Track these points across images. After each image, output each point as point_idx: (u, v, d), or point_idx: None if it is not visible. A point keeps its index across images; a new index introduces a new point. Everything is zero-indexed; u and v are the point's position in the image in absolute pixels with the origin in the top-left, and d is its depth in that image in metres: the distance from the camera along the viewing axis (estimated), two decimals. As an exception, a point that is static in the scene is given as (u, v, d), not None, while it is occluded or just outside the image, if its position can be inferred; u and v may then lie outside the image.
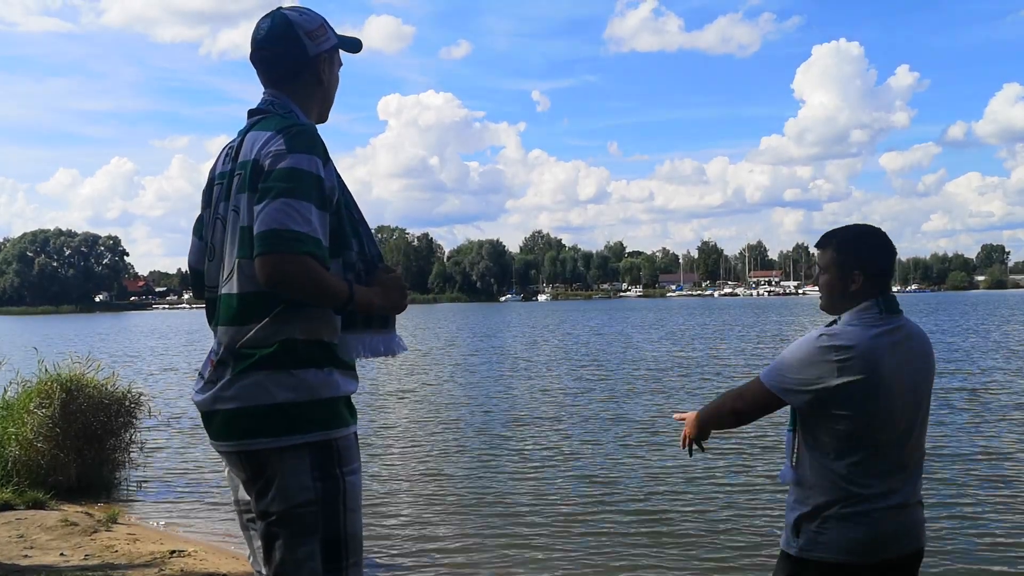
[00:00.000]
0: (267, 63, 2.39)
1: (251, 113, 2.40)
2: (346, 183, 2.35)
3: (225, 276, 2.27)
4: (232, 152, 2.34)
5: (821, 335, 2.39)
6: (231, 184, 2.29)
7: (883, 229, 2.52)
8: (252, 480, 2.24)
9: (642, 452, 9.97)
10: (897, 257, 2.58)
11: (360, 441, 2.38)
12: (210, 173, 2.44)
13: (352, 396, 2.35)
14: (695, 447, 2.73)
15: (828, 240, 2.54)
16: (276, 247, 2.06)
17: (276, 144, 2.19)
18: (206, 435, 2.35)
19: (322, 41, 2.39)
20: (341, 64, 2.52)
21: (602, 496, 7.97)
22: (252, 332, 2.17)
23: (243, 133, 2.34)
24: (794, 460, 2.50)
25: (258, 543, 2.30)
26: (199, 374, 2.34)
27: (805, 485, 2.45)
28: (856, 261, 2.46)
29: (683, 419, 2.76)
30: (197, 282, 2.50)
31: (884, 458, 2.39)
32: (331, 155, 2.28)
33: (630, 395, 15.11)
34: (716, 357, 22.73)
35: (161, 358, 28.35)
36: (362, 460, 2.36)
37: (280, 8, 2.41)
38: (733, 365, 20.28)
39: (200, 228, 2.46)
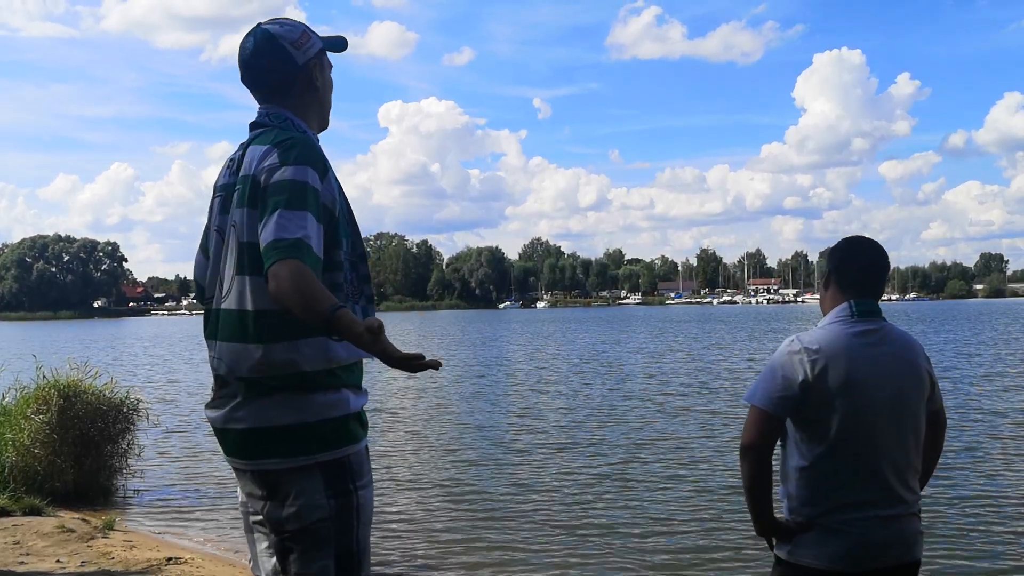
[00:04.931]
0: (258, 80, 2.39)
1: (252, 127, 2.40)
2: (346, 189, 2.35)
3: (224, 291, 2.27)
4: (233, 166, 2.34)
5: (793, 340, 2.46)
6: (230, 197, 2.29)
7: (873, 238, 2.62)
8: (267, 497, 2.25)
9: (646, 463, 9.96)
10: (875, 263, 2.56)
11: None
12: (214, 185, 2.45)
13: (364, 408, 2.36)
14: (778, 539, 2.53)
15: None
16: (276, 258, 2.06)
17: (271, 159, 2.19)
18: (204, 442, 2.37)
19: (308, 48, 2.37)
20: (331, 66, 2.51)
21: (603, 503, 7.96)
22: (256, 357, 2.17)
23: (244, 147, 2.35)
24: (785, 476, 2.51)
25: (261, 546, 2.33)
26: (212, 391, 2.35)
27: (793, 496, 2.46)
28: (830, 267, 2.61)
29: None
30: (200, 294, 2.50)
31: (867, 467, 2.38)
32: (330, 161, 2.28)
33: (639, 410, 15.06)
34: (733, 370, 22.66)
35: (160, 365, 28.33)
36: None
37: (260, 24, 2.39)
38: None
39: (206, 243, 2.46)
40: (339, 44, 2.49)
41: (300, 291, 2.02)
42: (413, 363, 2.03)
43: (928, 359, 2.55)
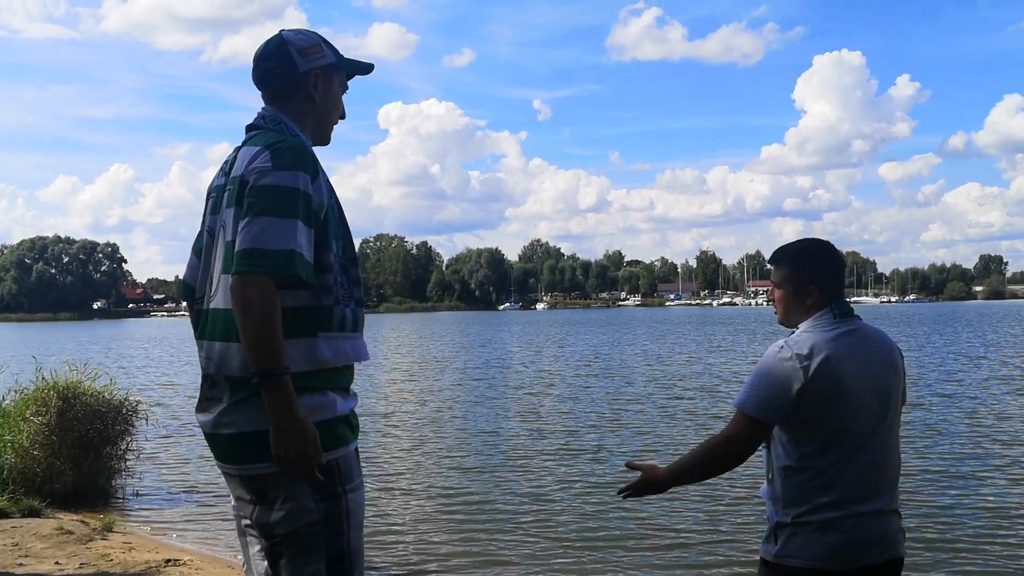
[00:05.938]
0: (262, 80, 2.44)
1: (248, 129, 2.43)
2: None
3: (212, 290, 2.29)
4: (226, 167, 2.37)
5: (782, 346, 2.46)
6: (221, 198, 2.32)
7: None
8: (256, 502, 2.26)
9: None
10: (841, 261, 2.64)
11: (362, 455, 2.39)
12: (208, 187, 2.49)
13: (355, 410, 2.37)
14: (629, 493, 2.70)
15: (781, 257, 2.63)
16: (251, 267, 2.08)
17: (262, 161, 2.21)
18: (204, 445, 2.36)
19: (315, 59, 2.41)
20: (346, 88, 2.53)
21: (605, 511, 7.92)
22: (243, 356, 2.16)
23: (238, 149, 2.38)
24: (770, 476, 2.52)
25: (253, 550, 2.33)
26: (200, 393, 2.35)
27: (779, 496, 2.47)
28: (811, 276, 2.55)
29: (639, 468, 2.69)
30: (188, 295, 2.50)
31: (853, 464, 2.40)
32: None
33: (642, 414, 15.00)
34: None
35: (159, 366, 28.33)
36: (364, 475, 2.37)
37: (282, 30, 2.46)
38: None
39: (198, 244, 2.48)
40: (363, 68, 2.53)
41: (264, 322, 2.06)
42: (310, 472, 2.12)
43: (902, 356, 2.59)
